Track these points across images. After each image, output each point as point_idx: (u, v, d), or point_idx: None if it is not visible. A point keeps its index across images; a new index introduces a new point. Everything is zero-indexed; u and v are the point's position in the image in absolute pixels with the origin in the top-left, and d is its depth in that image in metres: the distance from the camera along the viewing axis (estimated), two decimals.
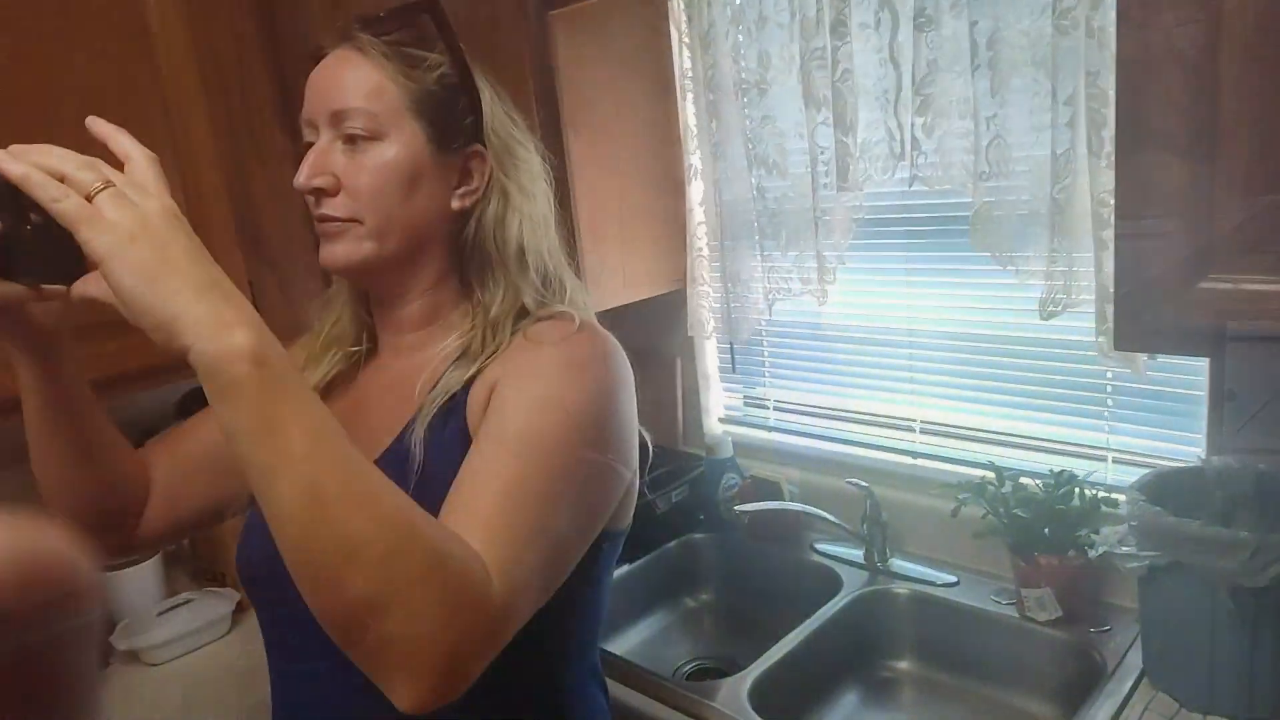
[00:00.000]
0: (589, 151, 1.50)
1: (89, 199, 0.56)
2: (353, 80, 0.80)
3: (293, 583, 0.58)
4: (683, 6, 1.60)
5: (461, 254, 0.85)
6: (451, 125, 0.82)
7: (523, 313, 0.84)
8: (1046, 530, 1.22)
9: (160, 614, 1.54)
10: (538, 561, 0.67)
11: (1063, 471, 1.26)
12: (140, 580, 1.57)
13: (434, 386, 0.80)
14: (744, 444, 1.77)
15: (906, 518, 1.50)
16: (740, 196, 1.61)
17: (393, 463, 0.78)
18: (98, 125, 0.62)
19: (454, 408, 0.79)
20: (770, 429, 1.76)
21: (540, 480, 0.69)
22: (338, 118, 0.79)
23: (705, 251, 1.71)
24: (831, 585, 1.46)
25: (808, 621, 1.36)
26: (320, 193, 0.80)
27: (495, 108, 0.86)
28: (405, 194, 0.80)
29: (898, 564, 1.47)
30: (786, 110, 1.50)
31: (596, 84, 1.51)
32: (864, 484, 1.46)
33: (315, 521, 0.56)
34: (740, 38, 1.53)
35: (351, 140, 0.79)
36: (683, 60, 1.64)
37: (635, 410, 0.83)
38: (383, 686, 0.59)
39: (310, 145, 0.82)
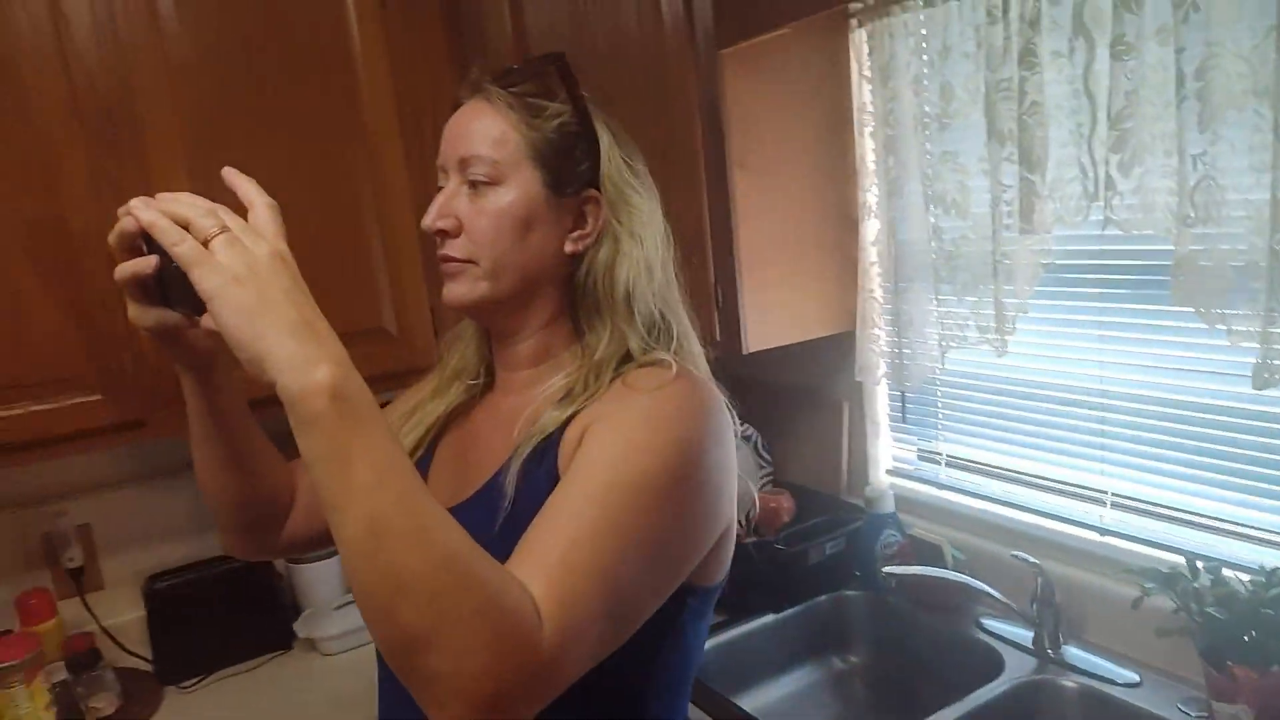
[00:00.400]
0: (755, 189, 1.48)
1: (206, 243, 0.62)
2: (479, 129, 0.84)
3: None
4: (865, 38, 1.55)
5: (574, 296, 0.88)
6: (568, 171, 0.85)
7: (627, 357, 0.84)
8: (1248, 637, 1.04)
9: (337, 608, 1.68)
10: (598, 611, 0.66)
11: (1275, 569, 1.06)
12: (325, 575, 1.73)
13: (533, 425, 0.82)
14: (910, 499, 1.65)
15: (1085, 601, 1.33)
16: (916, 237, 1.52)
17: (488, 497, 0.81)
18: (230, 175, 0.68)
19: (548, 447, 0.80)
20: (940, 486, 1.64)
21: (611, 530, 0.68)
22: (464, 164, 0.84)
23: (877, 293, 1.62)
24: (993, 666, 1.32)
25: (962, 702, 1.25)
26: (443, 234, 0.84)
27: (613, 154, 0.88)
28: (519, 236, 0.84)
29: (1071, 653, 1.30)
30: (969, 146, 1.40)
31: (766, 121, 1.49)
32: (1033, 559, 1.31)
33: (372, 553, 0.59)
34: (924, 69, 1.45)
35: (474, 185, 0.84)
36: (861, 94, 1.58)
37: (731, 463, 0.81)
38: (433, 715, 0.61)
39: (441, 189, 0.87)
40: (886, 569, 1.39)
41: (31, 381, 1.28)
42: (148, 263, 0.68)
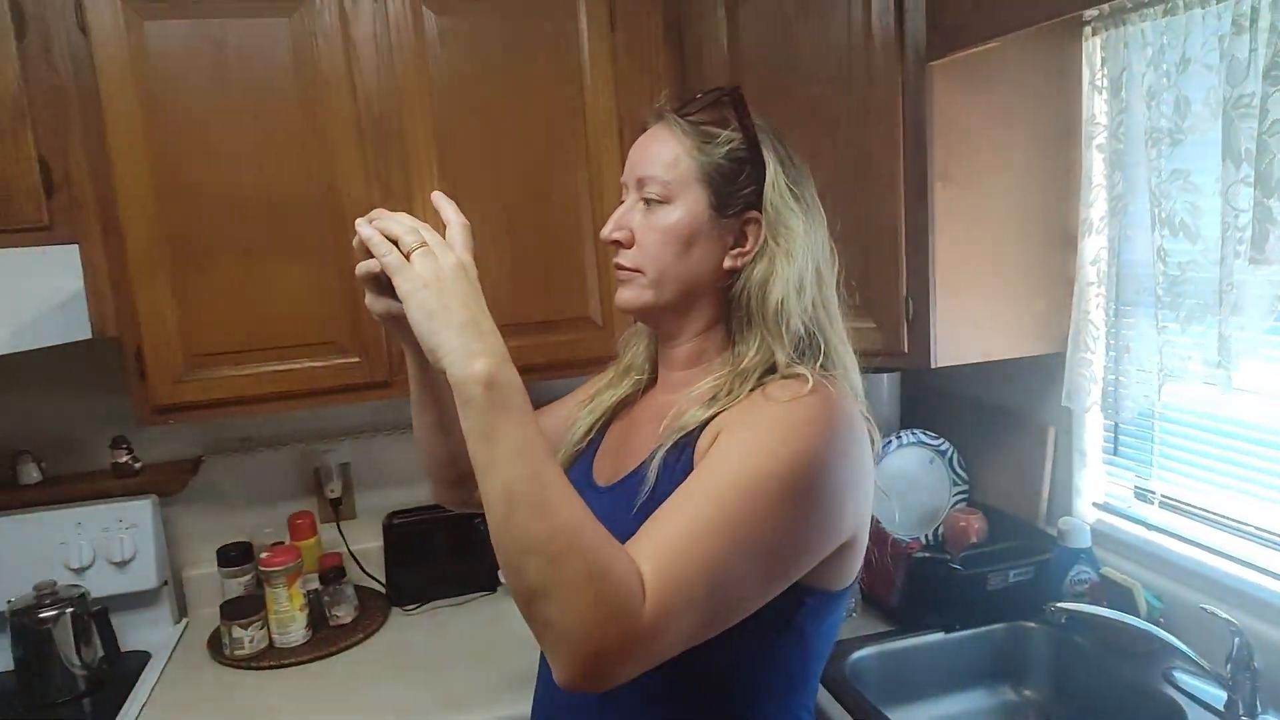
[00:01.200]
0: (959, 202, 1.46)
1: (408, 255, 0.76)
2: (656, 152, 0.93)
3: None
4: (1098, 47, 1.47)
5: (730, 307, 0.95)
6: (733, 194, 0.92)
7: (772, 368, 0.89)
8: None
9: None
10: (699, 597, 0.73)
11: None
12: None
13: (677, 421, 0.90)
14: (1113, 537, 1.55)
15: None
16: (1140, 258, 1.43)
17: (633, 483, 0.90)
18: (437, 199, 0.83)
19: (687, 443, 0.88)
20: (1150, 527, 1.52)
21: (724, 523, 0.75)
22: (641, 183, 0.94)
23: (1094, 316, 1.53)
24: None
25: None
26: (617, 244, 0.95)
27: (778, 180, 0.93)
28: (683, 251, 0.92)
29: None
30: (1203, 164, 1.30)
31: (975, 132, 1.46)
32: (1226, 616, 1.20)
33: (506, 517, 0.70)
34: (1160, 80, 1.35)
35: (648, 202, 0.93)
36: (1091, 105, 1.50)
37: (859, 479, 0.85)
38: (548, 659, 0.73)
39: (622, 203, 0.97)
40: (1057, 604, 1.33)
41: (309, 342, 1.57)
42: (373, 265, 0.81)
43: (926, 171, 1.44)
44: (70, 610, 1.60)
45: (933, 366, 1.48)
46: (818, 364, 0.89)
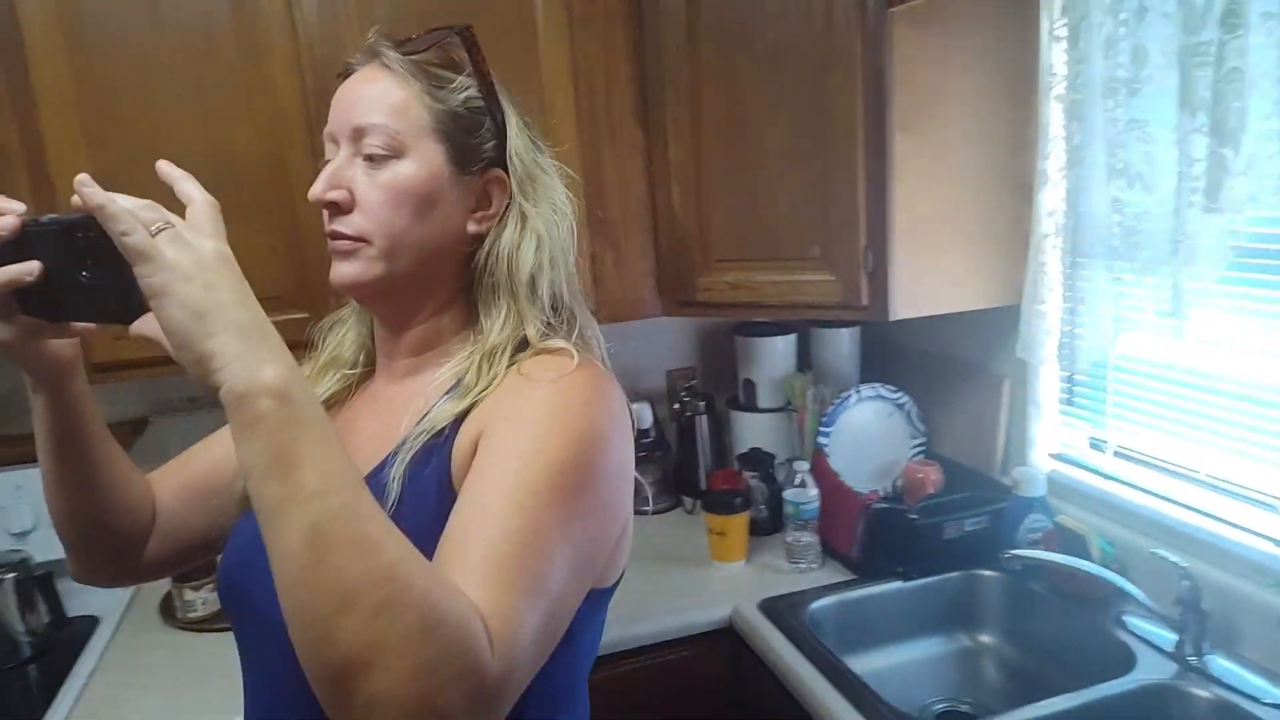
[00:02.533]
0: (917, 153, 1.45)
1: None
2: (376, 96, 0.78)
3: (261, 599, 0.61)
4: None
5: (471, 277, 0.83)
6: (473, 148, 0.81)
7: (523, 344, 0.80)
8: None
9: None
10: (537, 623, 0.62)
11: None
12: None
13: (421, 419, 0.77)
14: (1068, 487, 1.58)
15: (1243, 613, 1.23)
16: (1095, 209, 1.43)
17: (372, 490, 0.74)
18: (165, 168, 0.65)
19: (438, 445, 0.75)
20: (1104, 476, 1.55)
21: (535, 534, 0.64)
22: (358, 133, 0.78)
23: (1049, 267, 1.54)
24: (1124, 664, 1.26)
25: (1084, 691, 1.21)
26: (334, 207, 0.78)
27: (520, 132, 0.83)
28: (419, 215, 0.78)
29: (1216, 665, 1.22)
30: (1160, 114, 1.30)
31: (934, 84, 1.44)
32: (1174, 559, 1.23)
33: (314, 565, 0.54)
34: (1118, 30, 1.35)
35: (370, 158, 0.78)
36: (1049, 55, 1.49)
37: (630, 457, 0.78)
38: None
39: (328, 162, 0.81)
40: (1012, 552, 1.35)
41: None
42: (29, 269, 0.63)
43: (886, 122, 1.43)
44: (12, 575, 1.56)
45: (891, 319, 1.49)
46: (573, 337, 0.81)
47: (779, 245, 1.59)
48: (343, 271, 0.79)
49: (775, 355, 1.96)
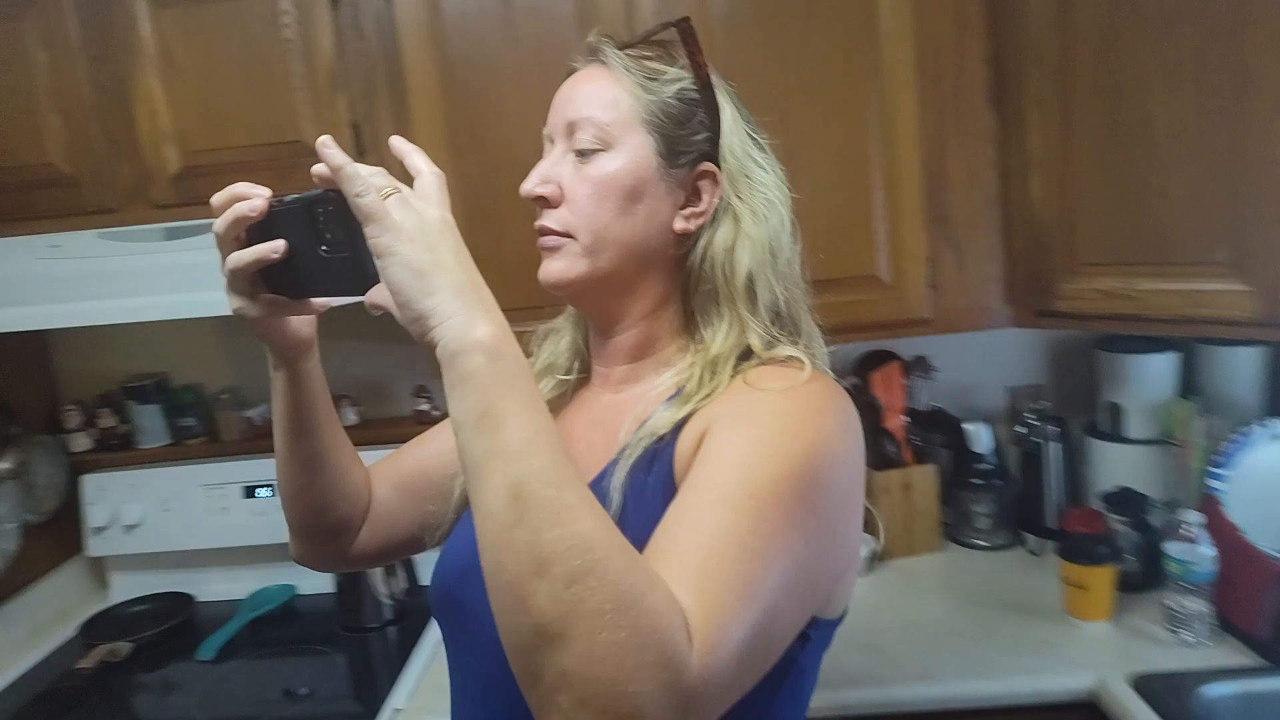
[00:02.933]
0: None
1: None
2: (590, 92, 0.79)
3: (478, 610, 0.60)
4: None
5: (685, 282, 0.79)
6: (685, 140, 0.78)
7: (747, 354, 0.76)
8: None
9: None
10: (747, 631, 0.57)
11: None
12: None
13: (641, 426, 0.74)
14: None
15: None
16: None
17: None
18: (398, 143, 0.68)
19: (660, 451, 0.72)
20: None
21: (753, 539, 0.60)
22: (571, 128, 0.79)
23: None
24: None
25: None
26: (543, 201, 0.78)
27: (736, 126, 0.80)
28: (624, 208, 0.77)
29: None
30: None
31: None
32: None
33: (513, 524, 0.54)
34: None
35: (581, 154, 0.78)
36: None
37: (862, 478, 0.72)
38: None
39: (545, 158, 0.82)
40: None
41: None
42: (276, 248, 0.66)
43: None
44: None
45: None
46: (799, 345, 0.77)
47: (1170, 246, 1.31)
48: (549, 268, 0.79)
49: (1150, 376, 1.64)
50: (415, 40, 1.48)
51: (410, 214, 0.60)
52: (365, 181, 0.60)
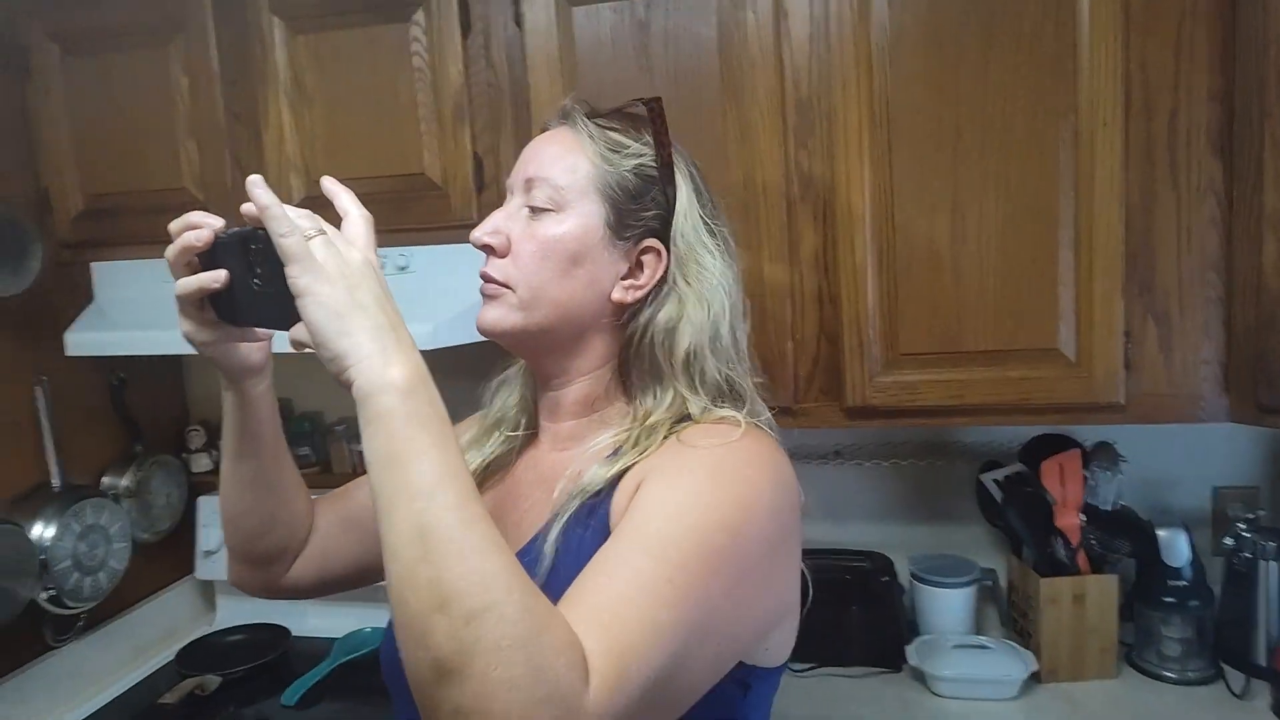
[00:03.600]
0: None
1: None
2: (554, 153, 0.82)
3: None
4: None
5: (626, 352, 0.83)
6: (635, 215, 0.81)
7: (684, 418, 0.79)
8: None
9: (956, 646, 1.52)
10: (651, 674, 0.58)
11: None
12: (952, 604, 1.58)
13: (575, 483, 0.77)
14: None
15: None
16: None
17: (524, 563, 0.70)
18: (328, 184, 0.70)
19: (596, 506, 0.75)
20: None
21: (670, 584, 0.62)
22: (529, 185, 0.81)
23: None
24: None
25: None
26: (489, 250, 0.81)
27: (691, 209, 0.83)
28: (564, 270, 0.80)
29: None
30: None
31: None
32: None
33: (417, 560, 0.56)
34: None
35: (534, 211, 0.81)
36: None
37: (797, 531, 0.75)
38: None
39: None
40: None
41: None
42: (216, 277, 0.70)
43: None
44: None
45: None
46: (744, 411, 0.79)
47: None
48: (484, 314, 0.82)
49: None
50: (544, 70, 1.38)
51: (333, 255, 0.63)
52: (290, 223, 0.63)
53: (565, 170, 0.81)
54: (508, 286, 0.80)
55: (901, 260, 1.31)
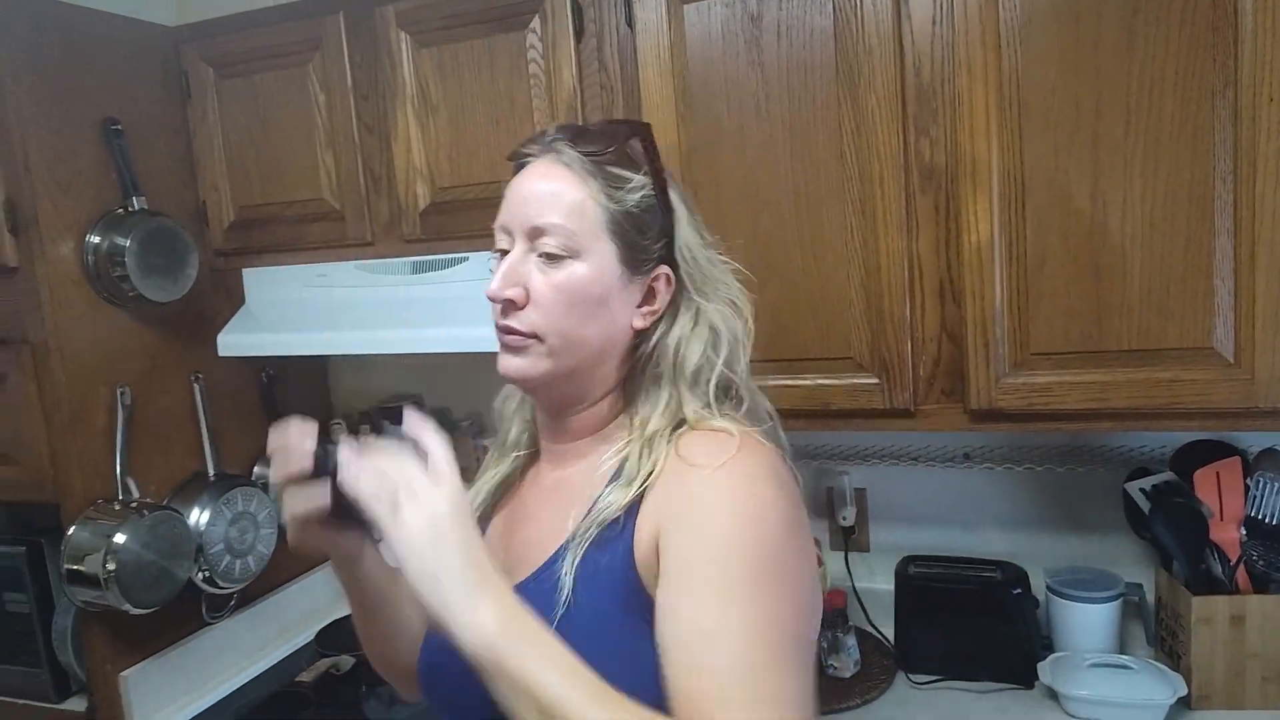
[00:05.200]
0: None
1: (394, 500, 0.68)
2: (555, 195, 0.79)
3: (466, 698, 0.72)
4: None
5: (633, 368, 0.84)
6: (644, 247, 0.82)
7: (681, 423, 0.80)
8: None
9: (1093, 665, 1.42)
10: (800, 694, 0.69)
11: None
12: (1093, 621, 1.47)
13: (589, 513, 0.79)
14: None
15: None
16: None
17: (544, 586, 0.78)
18: (409, 421, 0.73)
19: (613, 537, 0.77)
20: None
21: (754, 624, 0.68)
22: (536, 232, 0.80)
23: None
24: None
25: None
26: (510, 304, 0.80)
27: (689, 227, 0.84)
28: (590, 314, 0.80)
29: None
30: None
31: None
32: None
33: None
34: None
35: (550, 258, 0.79)
36: None
37: (805, 520, 0.79)
38: None
39: (503, 251, 0.82)
40: None
41: (824, 356, 1.35)
42: (323, 495, 0.74)
43: None
44: None
45: None
46: (742, 412, 0.82)
47: None
48: (513, 365, 0.82)
49: None
50: (655, 68, 1.38)
51: (418, 511, 0.67)
52: (374, 496, 0.68)
53: (573, 214, 0.79)
54: (536, 337, 0.80)
55: (1033, 254, 1.23)
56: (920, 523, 1.70)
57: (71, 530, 1.55)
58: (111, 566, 1.51)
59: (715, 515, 0.73)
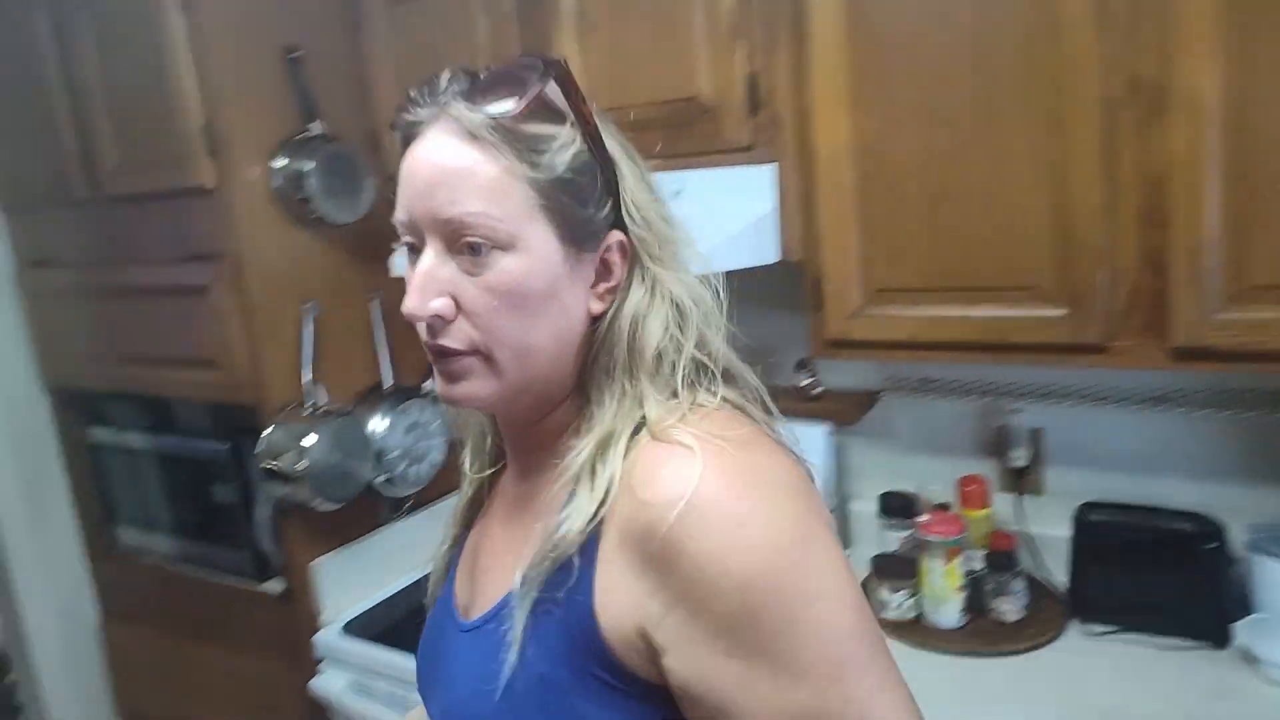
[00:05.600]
0: None
1: None
2: (462, 177, 0.63)
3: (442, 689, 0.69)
4: None
5: (589, 357, 0.69)
6: (589, 218, 0.66)
7: (641, 424, 0.65)
8: None
9: None
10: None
11: None
12: None
13: (541, 547, 0.65)
14: None
15: None
16: None
17: (493, 636, 0.67)
18: None
19: (566, 579, 0.63)
20: None
21: (836, 668, 0.59)
22: (450, 226, 0.64)
23: None
24: None
25: None
26: (437, 319, 0.65)
27: (634, 178, 0.68)
28: (537, 313, 0.65)
29: None
30: None
31: None
32: None
33: None
34: None
35: (469, 249, 0.64)
36: None
37: (823, 509, 0.65)
38: None
39: (411, 247, 0.67)
40: None
41: (1005, 285, 1.26)
42: None
43: None
44: None
45: None
46: (718, 393, 0.67)
47: None
48: (457, 391, 0.68)
49: None
50: None
51: None
52: None
53: (493, 197, 0.63)
54: (476, 353, 0.65)
55: (1260, 174, 1.07)
56: (1102, 467, 1.58)
57: (268, 431, 1.71)
58: (303, 465, 1.66)
59: (714, 582, 0.58)
